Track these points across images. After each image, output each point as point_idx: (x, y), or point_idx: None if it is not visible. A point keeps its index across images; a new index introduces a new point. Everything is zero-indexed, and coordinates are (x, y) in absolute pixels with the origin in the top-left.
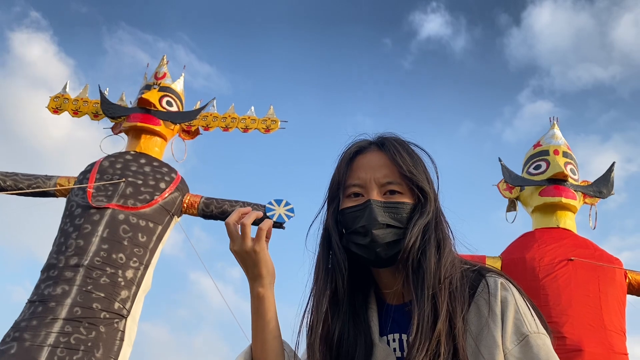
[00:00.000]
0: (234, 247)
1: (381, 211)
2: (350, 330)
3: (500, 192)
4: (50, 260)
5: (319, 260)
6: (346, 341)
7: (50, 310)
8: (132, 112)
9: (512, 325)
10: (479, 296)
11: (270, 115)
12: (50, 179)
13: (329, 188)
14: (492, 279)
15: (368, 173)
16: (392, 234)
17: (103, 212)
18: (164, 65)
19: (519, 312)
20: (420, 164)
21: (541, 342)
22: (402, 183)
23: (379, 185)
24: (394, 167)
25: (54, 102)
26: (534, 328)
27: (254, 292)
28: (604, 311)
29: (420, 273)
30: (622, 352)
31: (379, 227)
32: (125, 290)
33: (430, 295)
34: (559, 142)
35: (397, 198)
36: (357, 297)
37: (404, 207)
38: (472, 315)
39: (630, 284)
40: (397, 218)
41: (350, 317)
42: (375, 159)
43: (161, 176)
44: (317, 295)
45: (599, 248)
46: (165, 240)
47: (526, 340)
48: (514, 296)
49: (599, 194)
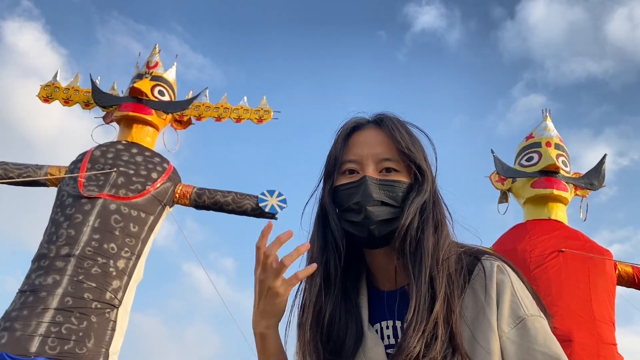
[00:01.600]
0: (262, 277)
1: (376, 188)
2: (342, 314)
3: (492, 184)
4: (41, 250)
5: (313, 239)
6: (337, 324)
7: (41, 300)
8: (124, 101)
9: (509, 309)
10: (475, 280)
11: (263, 105)
12: (41, 168)
13: (325, 164)
14: (488, 262)
15: (364, 149)
16: (387, 212)
17: (94, 201)
18: (156, 55)
19: (516, 295)
20: (419, 144)
21: (539, 324)
22: (399, 161)
23: (375, 162)
24: (391, 144)
25: (44, 91)
26: (531, 311)
27: (257, 328)
28: (594, 302)
29: (418, 254)
30: (611, 343)
31: (374, 204)
32: (116, 280)
33: (428, 277)
34: (551, 134)
35: (394, 176)
36: (349, 281)
37: (400, 186)
38: (467, 299)
39: (620, 275)
40: (392, 196)
41: (342, 299)
42: (372, 135)
43: (153, 166)
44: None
45: (590, 240)
46: (157, 230)
47: (523, 323)
48: (510, 279)
49: (590, 185)
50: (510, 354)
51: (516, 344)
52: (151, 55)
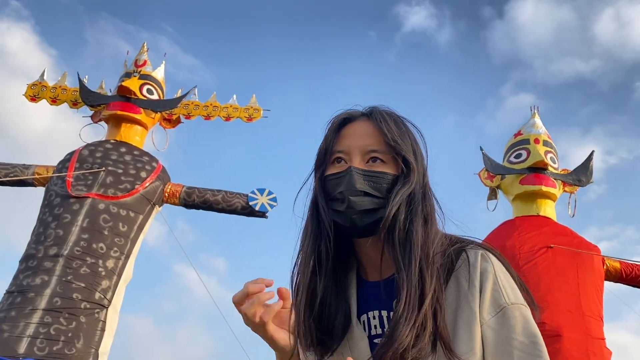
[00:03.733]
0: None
1: (360, 179)
2: (332, 298)
3: (481, 181)
4: (29, 250)
5: (307, 225)
6: (328, 308)
7: (29, 300)
8: (112, 100)
9: (490, 297)
10: (459, 269)
11: (252, 104)
12: (28, 168)
13: (317, 154)
14: (472, 252)
15: (353, 141)
16: (370, 202)
17: (83, 201)
18: (145, 53)
19: (498, 283)
20: (408, 136)
21: (518, 313)
22: (386, 153)
23: (362, 153)
24: (379, 136)
25: (31, 90)
26: (512, 299)
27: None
28: (582, 297)
29: (407, 245)
30: (599, 337)
31: (357, 195)
32: (106, 280)
33: (418, 268)
34: (539, 131)
35: (379, 167)
36: (340, 270)
37: (384, 177)
38: (451, 288)
39: (608, 270)
40: (376, 187)
41: (332, 284)
42: (361, 127)
43: (142, 165)
44: (304, 258)
45: (578, 235)
46: (146, 229)
47: (503, 312)
48: (493, 267)
49: (578, 182)
50: (489, 342)
51: (495, 331)
52: (139, 54)
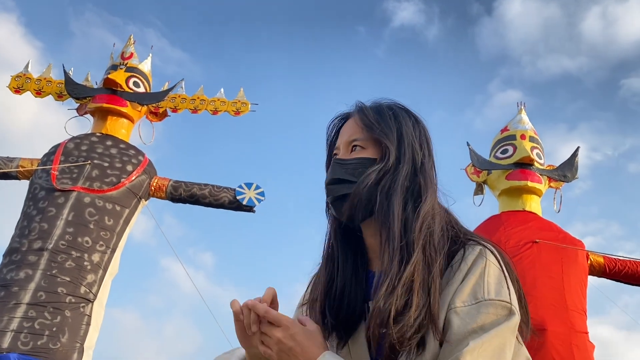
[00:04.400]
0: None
1: (339, 168)
2: (353, 286)
3: (468, 176)
4: (13, 244)
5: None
6: (348, 296)
7: (13, 295)
8: (98, 92)
9: (470, 288)
10: (455, 262)
11: (240, 97)
12: (12, 160)
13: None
14: (470, 248)
15: (342, 138)
16: (342, 188)
17: (68, 195)
18: (131, 45)
19: (483, 278)
20: (392, 120)
21: (493, 310)
22: (366, 139)
23: (346, 145)
24: (360, 126)
25: (15, 82)
26: (492, 295)
27: None
28: (567, 292)
29: (387, 220)
30: (583, 331)
31: (331, 182)
32: (91, 274)
33: (398, 238)
34: (525, 126)
35: (358, 154)
36: (358, 260)
37: (361, 162)
38: (444, 279)
39: (592, 265)
40: (351, 173)
41: (352, 274)
42: (349, 124)
43: (128, 158)
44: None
45: (563, 230)
46: (132, 223)
47: (478, 305)
48: (485, 262)
49: (563, 177)
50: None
51: (463, 321)
52: (126, 46)
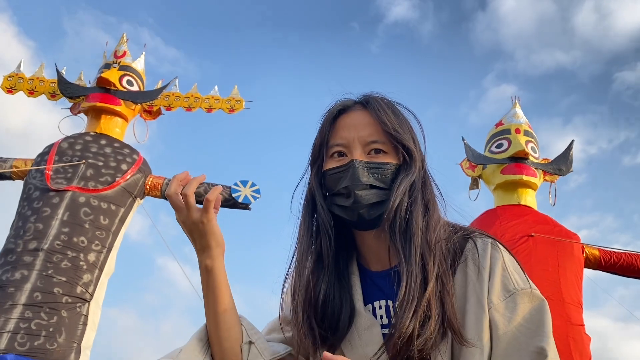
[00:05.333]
0: (179, 217)
1: (365, 171)
2: (336, 292)
3: (463, 171)
4: (8, 245)
5: (302, 223)
6: (332, 302)
7: (8, 295)
8: (91, 91)
9: (500, 282)
10: (467, 258)
11: (234, 95)
12: (5, 161)
13: (312, 149)
14: (480, 240)
15: (352, 132)
16: (376, 195)
17: (63, 194)
18: (124, 44)
19: (507, 270)
20: (406, 124)
21: (527, 299)
22: (387, 142)
23: (362, 144)
24: (378, 126)
25: (7, 82)
26: (521, 285)
27: (202, 264)
28: (562, 285)
29: (408, 234)
30: (579, 324)
31: (362, 188)
32: (87, 274)
33: (419, 257)
34: (520, 120)
35: (382, 158)
36: (340, 262)
37: (388, 168)
38: (459, 277)
39: (587, 258)
40: (380, 179)
41: (335, 279)
42: (359, 117)
43: (122, 157)
44: (299, 258)
45: (559, 224)
46: (128, 222)
47: (513, 297)
48: (502, 255)
49: (558, 171)
50: (498, 326)
51: (505, 317)
52: (119, 45)
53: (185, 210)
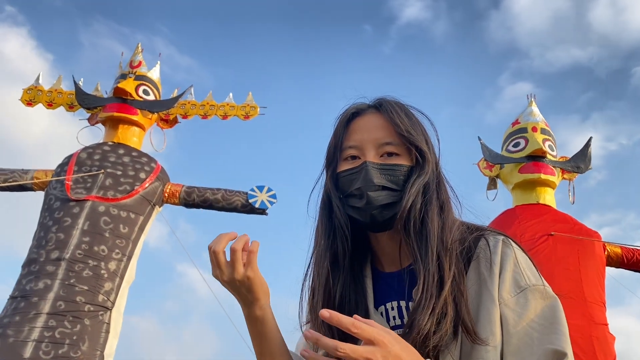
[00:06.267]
0: (222, 276)
1: (377, 173)
2: (352, 294)
3: (480, 171)
4: (31, 254)
5: (319, 225)
6: (348, 304)
7: (32, 305)
8: (108, 102)
9: (511, 278)
10: (479, 256)
11: (249, 101)
12: (27, 172)
13: (326, 151)
14: (492, 238)
15: (364, 135)
16: (388, 196)
17: (83, 204)
18: (139, 54)
19: (518, 266)
20: (419, 126)
21: (539, 294)
22: (400, 144)
23: (375, 146)
24: (391, 128)
25: (27, 95)
26: (533, 281)
27: (251, 316)
28: (584, 284)
29: (423, 234)
30: (603, 323)
31: (375, 189)
32: (108, 282)
33: (436, 257)
34: (536, 119)
35: (394, 160)
36: (356, 264)
37: (400, 169)
38: (471, 275)
39: (609, 256)
40: (393, 180)
41: (350, 280)
42: (372, 120)
43: (141, 166)
44: (317, 259)
45: (578, 222)
46: (147, 230)
47: (524, 293)
48: (514, 251)
49: (576, 169)
50: (509, 322)
51: (516, 312)
52: (134, 55)
53: (229, 267)
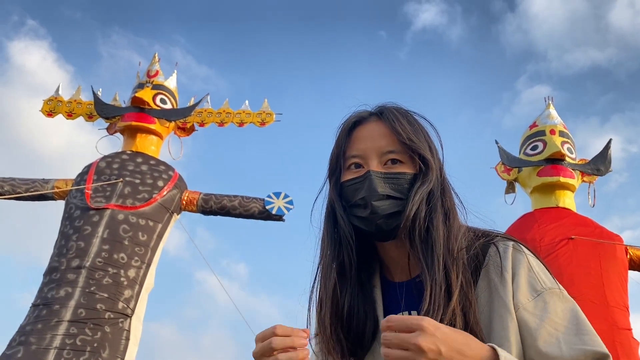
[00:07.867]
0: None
1: (381, 182)
2: (360, 305)
3: (498, 175)
4: (52, 263)
5: (324, 235)
6: (356, 315)
7: (54, 313)
8: (126, 111)
9: (526, 283)
10: (489, 263)
11: (264, 108)
12: (47, 182)
13: (329, 161)
14: (502, 244)
15: (367, 143)
16: (393, 205)
17: (102, 212)
18: (156, 63)
19: (532, 270)
20: (422, 132)
21: (557, 297)
22: (403, 152)
23: (378, 155)
24: (393, 136)
25: (47, 105)
26: (549, 284)
27: None
28: (606, 288)
29: (429, 243)
30: (626, 328)
31: (379, 199)
32: (128, 289)
33: (442, 266)
34: (554, 121)
35: (398, 168)
36: (364, 274)
37: (404, 177)
38: (482, 283)
39: (632, 259)
40: (397, 189)
41: (358, 290)
42: (374, 128)
43: (159, 174)
44: (324, 270)
45: (599, 225)
46: (166, 238)
47: (541, 296)
48: (526, 257)
49: (596, 171)
50: (530, 326)
51: (536, 315)
52: (151, 64)
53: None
